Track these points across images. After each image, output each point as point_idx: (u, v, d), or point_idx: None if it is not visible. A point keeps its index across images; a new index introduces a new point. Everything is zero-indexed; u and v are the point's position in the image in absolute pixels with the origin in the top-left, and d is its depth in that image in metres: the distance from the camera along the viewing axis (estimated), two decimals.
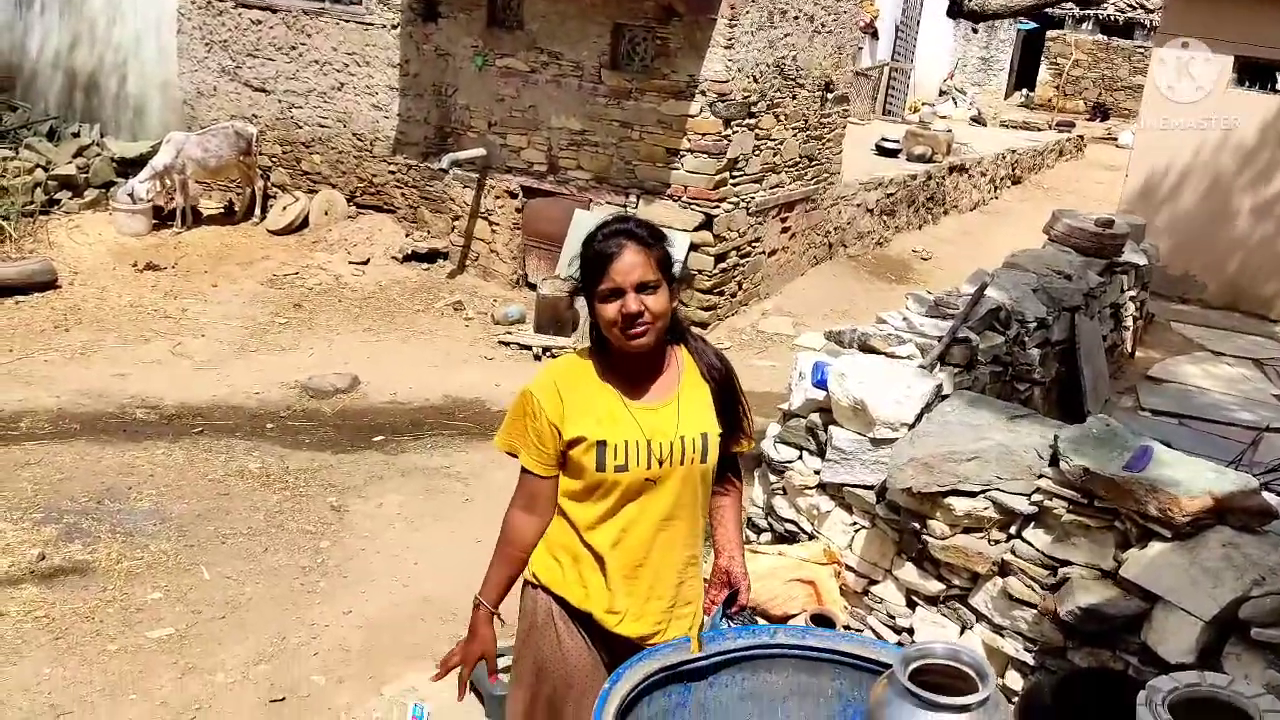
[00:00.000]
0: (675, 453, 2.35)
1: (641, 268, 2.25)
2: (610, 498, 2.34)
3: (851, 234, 10.61)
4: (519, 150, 8.89)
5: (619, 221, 2.35)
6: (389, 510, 5.44)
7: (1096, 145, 18.63)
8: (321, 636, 4.30)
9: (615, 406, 2.34)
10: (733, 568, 2.47)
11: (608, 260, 2.26)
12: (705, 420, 2.39)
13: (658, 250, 2.30)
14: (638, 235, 2.29)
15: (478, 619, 2.47)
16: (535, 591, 2.44)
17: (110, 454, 5.76)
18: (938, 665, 1.63)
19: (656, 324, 2.29)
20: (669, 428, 2.35)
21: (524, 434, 2.38)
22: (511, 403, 2.44)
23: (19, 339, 7.29)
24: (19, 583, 4.46)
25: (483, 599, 2.46)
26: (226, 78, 10.26)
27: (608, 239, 2.29)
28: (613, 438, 2.31)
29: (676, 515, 2.40)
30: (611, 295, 2.26)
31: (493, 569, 2.48)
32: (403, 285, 9.02)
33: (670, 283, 2.32)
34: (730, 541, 2.51)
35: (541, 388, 2.37)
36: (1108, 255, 6.58)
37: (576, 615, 2.40)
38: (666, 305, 2.29)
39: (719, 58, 7.94)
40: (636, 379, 2.37)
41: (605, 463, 2.30)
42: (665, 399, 2.37)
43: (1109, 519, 3.29)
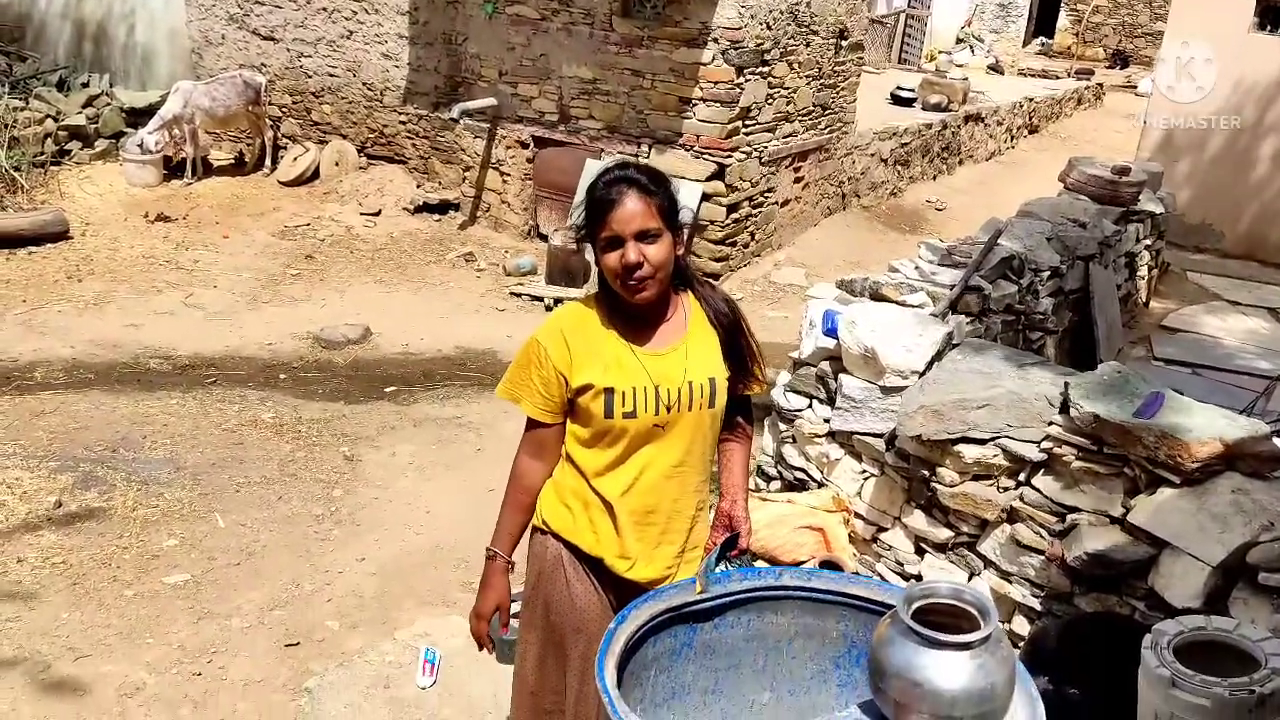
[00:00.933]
0: (683, 398, 2.34)
1: (642, 216, 2.22)
2: (619, 445, 2.34)
3: (865, 184, 10.51)
4: (530, 100, 8.81)
5: (620, 168, 2.30)
6: (401, 460, 5.48)
7: (1116, 93, 18.36)
8: (335, 583, 4.35)
9: (622, 353, 2.33)
10: (735, 511, 2.47)
11: (608, 208, 2.23)
12: (713, 365, 2.38)
13: (659, 197, 2.25)
14: (639, 182, 2.25)
15: (492, 569, 2.49)
16: (545, 538, 2.45)
17: (125, 403, 5.80)
18: (941, 605, 1.63)
19: (658, 274, 2.26)
20: (676, 373, 2.34)
21: (528, 382, 2.38)
22: (519, 349, 2.43)
23: (32, 289, 7.32)
24: (37, 529, 4.52)
25: (496, 549, 2.47)
26: (234, 25, 10.17)
27: (609, 186, 2.26)
28: (620, 384, 2.30)
29: (686, 461, 2.40)
30: (612, 244, 2.24)
31: (504, 517, 2.49)
32: (414, 237, 9.00)
33: (675, 230, 2.29)
34: (735, 485, 2.51)
35: (548, 335, 2.36)
36: (1123, 203, 6.50)
37: (586, 560, 2.42)
38: (668, 254, 2.26)
39: (732, 4, 7.82)
40: (643, 325, 2.36)
41: (614, 409, 2.30)
42: (673, 344, 2.36)
43: (1118, 466, 3.28)
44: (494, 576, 2.48)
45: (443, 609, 4.20)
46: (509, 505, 2.48)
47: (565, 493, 2.41)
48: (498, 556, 2.47)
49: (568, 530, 2.42)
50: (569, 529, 2.41)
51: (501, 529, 2.48)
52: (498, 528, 2.49)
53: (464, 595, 4.29)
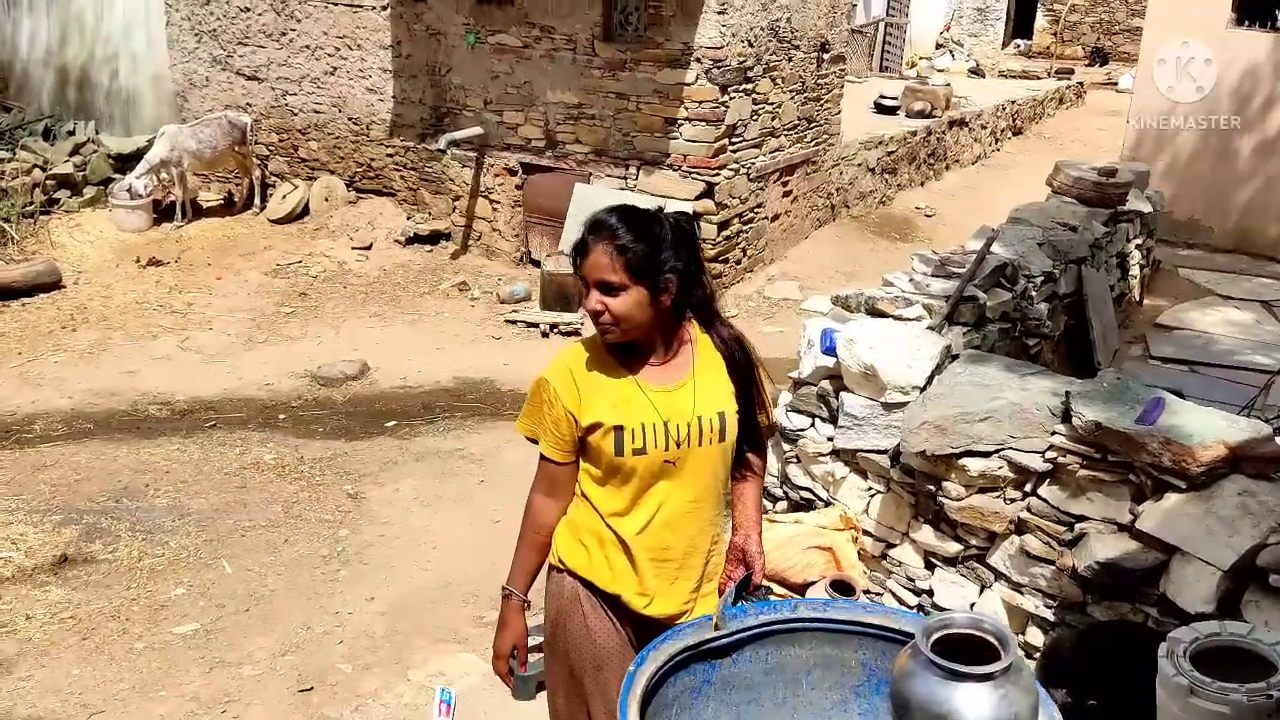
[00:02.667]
0: (693, 433, 2.34)
1: (605, 269, 2.23)
2: (631, 482, 2.34)
3: (854, 194, 10.55)
4: (516, 127, 8.84)
5: (608, 212, 2.31)
6: (405, 495, 5.47)
7: (1097, 91, 18.44)
8: (346, 624, 4.34)
9: (630, 390, 2.33)
10: (748, 546, 2.46)
11: (583, 253, 2.28)
12: (722, 398, 2.38)
13: (631, 254, 2.23)
14: (615, 233, 2.24)
15: (508, 608, 2.48)
16: (561, 575, 2.44)
17: (125, 452, 5.79)
18: (960, 634, 1.64)
19: (620, 325, 2.27)
20: (686, 408, 2.34)
21: (542, 421, 2.38)
22: (530, 389, 2.43)
23: (28, 341, 7.32)
24: (44, 584, 4.50)
25: (511, 588, 2.46)
26: (218, 67, 10.21)
27: (589, 230, 2.29)
28: (629, 421, 2.30)
29: (700, 496, 2.40)
30: (586, 286, 2.29)
31: (519, 556, 2.48)
32: (407, 268, 9.01)
33: (651, 283, 2.25)
34: (748, 519, 2.50)
35: (556, 374, 2.36)
36: (1112, 204, 6.54)
37: (603, 597, 2.41)
38: (631, 308, 2.25)
39: (712, 23, 7.87)
40: (650, 361, 2.36)
41: (624, 447, 2.30)
42: (681, 380, 2.36)
43: (1123, 472, 3.29)
44: (510, 615, 2.48)
45: (455, 646, 4.19)
46: (524, 544, 2.48)
47: (581, 531, 2.41)
48: (513, 595, 2.47)
49: (584, 568, 2.41)
50: (585, 567, 2.40)
51: (517, 568, 2.48)
52: (513, 566, 2.48)
53: (475, 631, 4.28)
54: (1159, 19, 8.91)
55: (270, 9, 9.77)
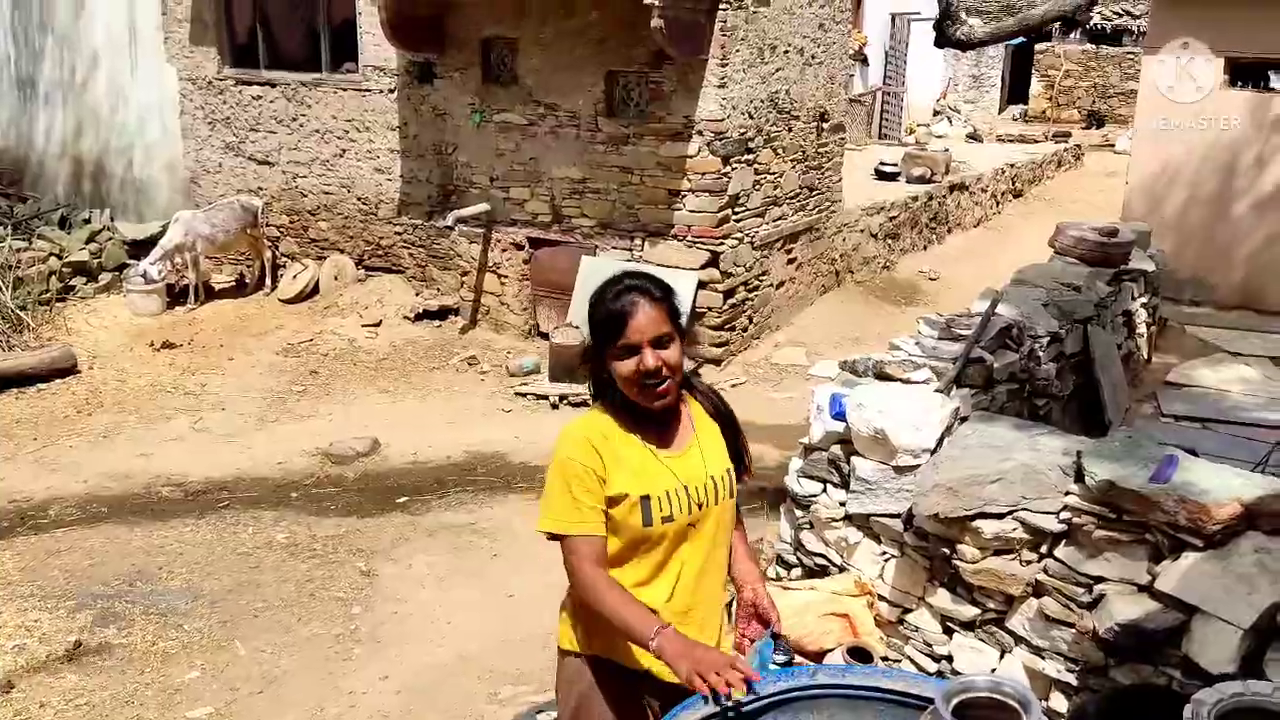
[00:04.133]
0: (710, 494, 2.37)
1: (656, 322, 2.27)
2: (657, 550, 2.34)
3: (857, 260, 10.65)
4: (522, 202, 8.99)
5: (629, 277, 2.35)
6: (418, 571, 5.45)
7: (1095, 152, 18.68)
8: (359, 705, 4.30)
9: (647, 459, 2.34)
10: (759, 600, 2.42)
11: (623, 319, 2.26)
12: (724, 456, 2.44)
13: (668, 303, 2.31)
14: (649, 291, 2.30)
15: (678, 638, 2.15)
16: (579, 661, 2.42)
17: (139, 535, 5.79)
18: (981, 699, 1.63)
19: (676, 377, 2.31)
20: (699, 471, 2.37)
21: (574, 502, 2.28)
22: (551, 479, 2.34)
23: (43, 426, 7.37)
24: (58, 671, 4.48)
25: (659, 628, 2.16)
26: (230, 153, 10.43)
27: (620, 296, 2.29)
28: (654, 490, 2.31)
29: (714, 555, 2.43)
30: (627, 352, 2.27)
31: (628, 610, 2.21)
32: (416, 344, 9.09)
33: (683, 334, 2.35)
34: (751, 573, 2.50)
35: (577, 447, 2.32)
36: (1114, 264, 6.59)
37: (624, 674, 2.38)
38: (681, 357, 2.31)
39: (713, 97, 8.04)
40: (659, 428, 2.38)
41: (652, 516, 2.30)
42: (688, 443, 2.40)
43: (1139, 532, 3.28)
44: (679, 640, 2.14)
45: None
46: (622, 600, 2.23)
47: (595, 614, 2.35)
48: (666, 628, 2.17)
49: (607, 649, 2.38)
50: (608, 647, 2.37)
51: (638, 616, 2.20)
52: (634, 620, 2.19)
53: (490, 708, 4.24)
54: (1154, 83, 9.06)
55: (281, 95, 10.01)
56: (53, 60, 11.05)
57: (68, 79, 11.05)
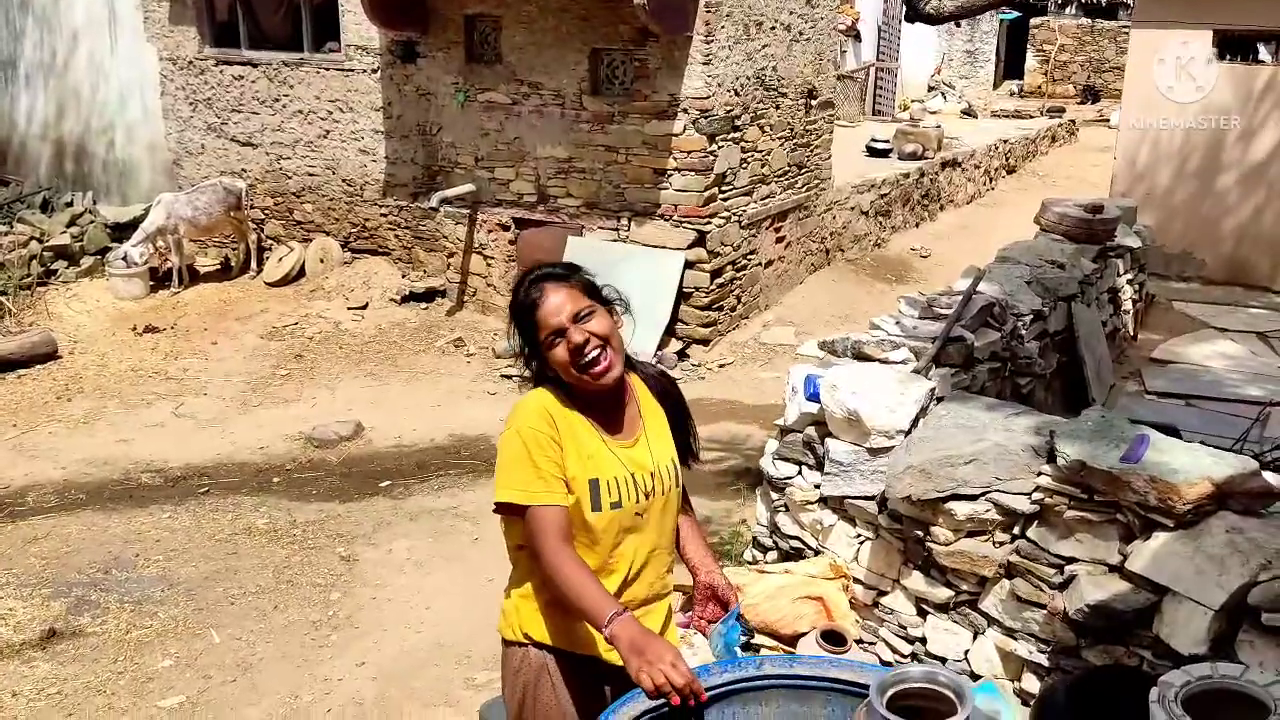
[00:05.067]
0: (657, 483, 2.35)
1: (570, 300, 2.26)
2: (603, 540, 2.30)
3: (848, 238, 10.58)
4: (508, 183, 8.91)
5: (534, 270, 2.36)
6: (399, 556, 5.42)
7: (1090, 128, 18.57)
8: (335, 691, 4.27)
9: (596, 444, 2.31)
10: (715, 580, 2.44)
11: (534, 307, 2.26)
12: (670, 446, 2.42)
13: (576, 279, 2.31)
14: (553, 275, 2.31)
15: (633, 625, 2.07)
16: (525, 650, 2.38)
17: (117, 522, 5.76)
18: (917, 689, 1.59)
19: (610, 348, 2.26)
20: (645, 460, 2.35)
21: (535, 470, 2.21)
22: (504, 448, 2.27)
23: (22, 412, 7.32)
24: (30, 660, 4.45)
25: (612, 610, 2.09)
26: (213, 135, 10.33)
27: (528, 290, 2.30)
28: (603, 474, 2.28)
29: (659, 544, 2.40)
30: (554, 338, 2.25)
31: (588, 588, 2.14)
32: (402, 327, 9.03)
33: (606, 305, 2.32)
34: (704, 555, 2.50)
35: (536, 416, 2.26)
36: (1100, 240, 6.53)
37: (571, 661, 2.36)
38: (610, 327, 2.27)
39: (698, 74, 7.95)
40: (607, 416, 2.34)
41: (600, 501, 2.27)
42: (636, 433, 2.37)
43: (1111, 512, 3.24)
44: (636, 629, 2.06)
45: (446, 710, 4.12)
46: (584, 580, 2.16)
47: (544, 603, 2.33)
48: (623, 613, 2.09)
49: (558, 637, 2.34)
50: (559, 634, 2.34)
51: (596, 597, 2.13)
52: (594, 602, 2.12)
53: (467, 693, 4.21)
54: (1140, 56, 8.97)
55: (263, 76, 9.91)
56: (33, 41, 10.93)
57: (48, 60, 10.94)
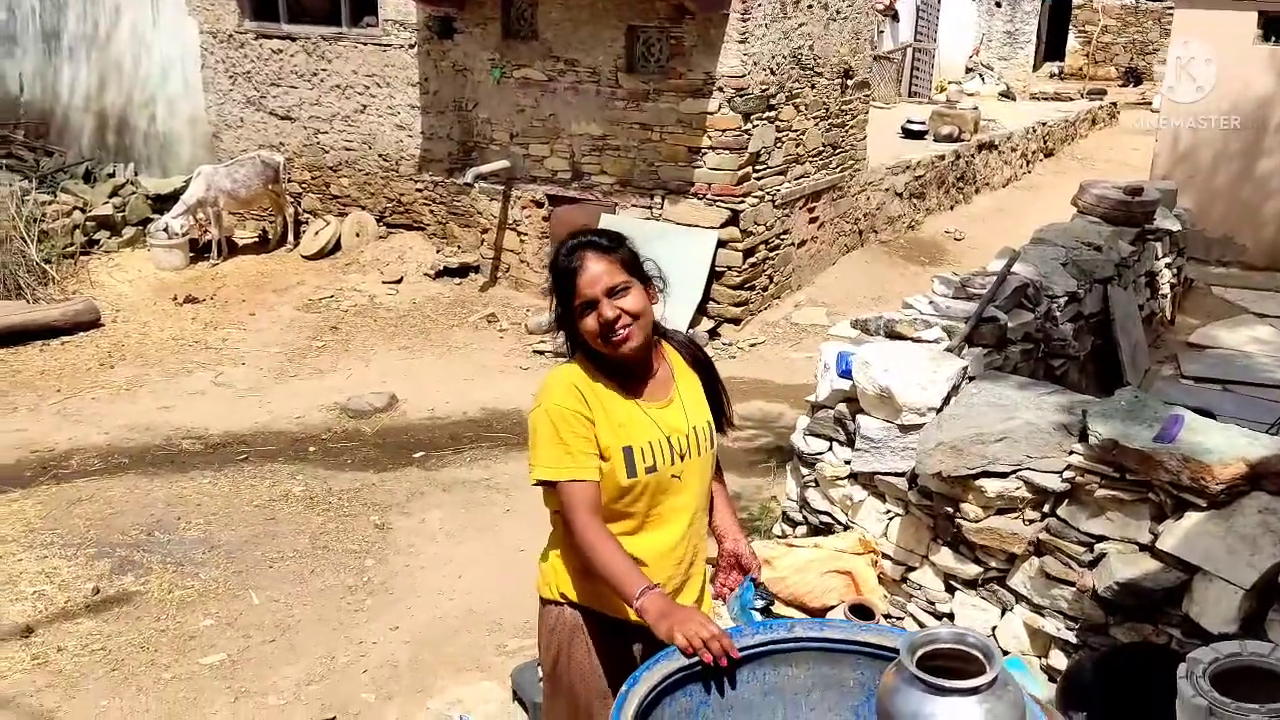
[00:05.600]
0: (692, 445, 2.39)
1: (607, 274, 2.28)
2: (641, 502, 2.34)
3: (881, 219, 10.54)
4: (542, 159, 8.95)
5: (577, 235, 2.38)
6: (431, 525, 5.51)
7: (1132, 111, 18.32)
8: (370, 654, 4.37)
9: (629, 410, 2.35)
10: (740, 549, 2.49)
11: (574, 275, 2.29)
12: (705, 408, 2.46)
13: (620, 253, 2.33)
14: (596, 244, 2.32)
15: (662, 600, 2.13)
16: (560, 609, 2.44)
17: (159, 486, 5.89)
18: (946, 650, 1.63)
19: (638, 324, 2.29)
20: (680, 422, 2.39)
21: (565, 447, 2.27)
22: (535, 425, 2.33)
23: (66, 378, 7.48)
24: (75, 617, 4.58)
25: (645, 588, 2.14)
26: (252, 108, 10.44)
27: (569, 255, 2.32)
28: (637, 440, 2.32)
29: (697, 506, 2.44)
30: (586, 308, 2.29)
31: (617, 563, 2.20)
32: (436, 301, 9.11)
33: (645, 281, 2.35)
34: (731, 524, 2.55)
35: (564, 393, 2.31)
36: (1138, 223, 6.48)
37: (608, 623, 2.41)
38: (643, 303, 2.31)
39: (734, 53, 7.93)
40: (638, 380, 2.39)
41: (635, 467, 2.31)
42: (669, 394, 2.41)
43: (1142, 491, 3.25)
44: (664, 601, 2.13)
45: (477, 674, 4.20)
46: (613, 553, 2.22)
47: (576, 564, 2.39)
48: (654, 588, 2.15)
49: (595, 599, 2.39)
50: (595, 597, 2.38)
51: (626, 572, 2.19)
52: (624, 577, 2.18)
53: (498, 659, 4.29)
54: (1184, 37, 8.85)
55: (301, 50, 9.99)
56: (76, 13, 11.07)
57: (90, 32, 11.07)
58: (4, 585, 4.78)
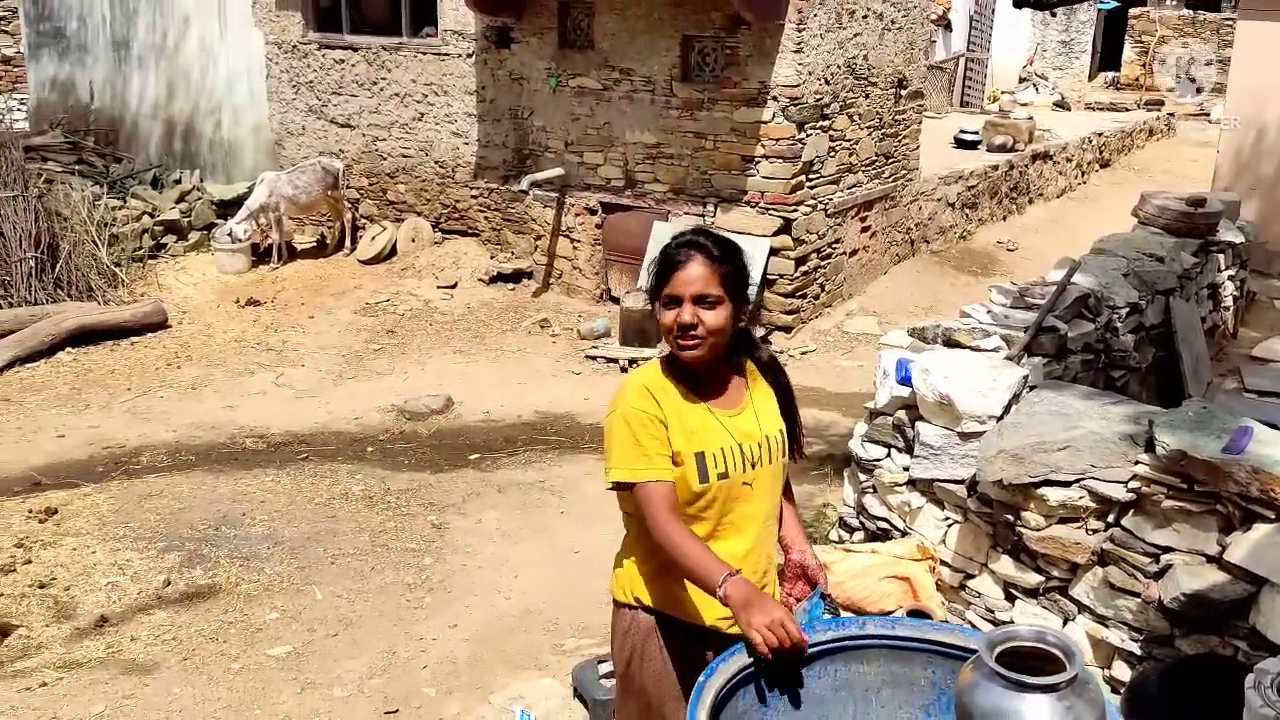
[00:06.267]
0: (764, 453, 2.41)
1: (703, 280, 2.28)
2: (712, 509, 2.36)
3: (933, 229, 10.49)
4: (596, 167, 9.04)
5: (695, 233, 2.39)
6: (488, 526, 5.59)
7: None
8: (430, 650, 4.45)
9: (703, 416, 2.37)
10: (807, 560, 2.47)
11: (673, 268, 2.31)
12: (777, 419, 2.47)
13: (726, 266, 2.32)
14: (707, 249, 2.32)
15: (745, 585, 2.13)
16: (634, 612, 2.47)
17: (224, 483, 6.04)
18: (1025, 648, 1.65)
19: (710, 339, 2.30)
20: (754, 429, 2.41)
21: (641, 448, 2.30)
22: (612, 428, 2.37)
23: (136, 378, 7.69)
24: (148, 608, 4.72)
25: (727, 575, 2.15)
26: (313, 116, 10.65)
27: (680, 248, 2.34)
28: (709, 446, 2.34)
29: (769, 514, 2.47)
30: (671, 302, 2.31)
31: (700, 556, 2.21)
32: (490, 306, 9.23)
33: (738, 301, 2.34)
34: (799, 535, 2.55)
35: (638, 395, 2.35)
36: (1201, 234, 6.41)
37: (681, 628, 2.43)
38: (724, 322, 2.31)
39: (789, 62, 7.97)
40: (713, 386, 2.41)
41: (708, 472, 2.33)
42: (742, 403, 2.44)
43: (1210, 503, 3.23)
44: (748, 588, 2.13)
45: (535, 672, 4.26)
46: (696, 548, 2.23)
47: (654, 566, 2.41)
48: (735, 574, 2.16)
49: (670, 603, 2.42)
50: (666, 600, 2.42)
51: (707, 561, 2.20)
52: (706, 566, 2.19)
53: (554, 658, 4.36)
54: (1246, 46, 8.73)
55: (363, 60, 10.18)
56: (146, 23, 11.37)
57: (159, 42, 11.37)
58: (80, 576, 4.94)
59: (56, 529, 5.40)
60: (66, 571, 4.98)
